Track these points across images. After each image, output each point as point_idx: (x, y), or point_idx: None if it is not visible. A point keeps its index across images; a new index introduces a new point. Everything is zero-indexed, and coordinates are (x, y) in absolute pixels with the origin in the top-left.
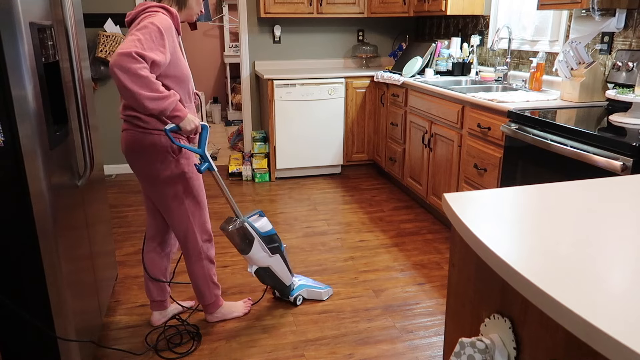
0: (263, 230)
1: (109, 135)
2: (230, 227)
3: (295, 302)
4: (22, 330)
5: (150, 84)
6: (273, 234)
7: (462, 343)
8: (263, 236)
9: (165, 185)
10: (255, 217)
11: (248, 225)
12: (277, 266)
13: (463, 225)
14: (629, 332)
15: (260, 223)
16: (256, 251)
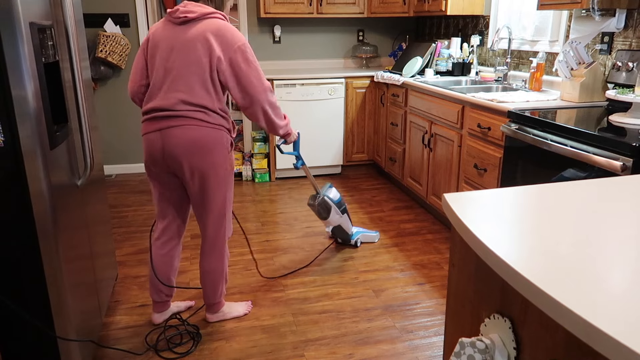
0: (335, 198)
1: (109, 135)
2: (315, 202)
3: (356, 244)
4: (22, 330)
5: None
6: (341, 200)
7: (462, 343)
8: (336, 203)
9: (220, 179)
10: (328, 189)
11: (327, 198)
12: (345, 222)
13: (463, 225)
14: (629, 332)
15: (332, 193)
16: (333, 215)
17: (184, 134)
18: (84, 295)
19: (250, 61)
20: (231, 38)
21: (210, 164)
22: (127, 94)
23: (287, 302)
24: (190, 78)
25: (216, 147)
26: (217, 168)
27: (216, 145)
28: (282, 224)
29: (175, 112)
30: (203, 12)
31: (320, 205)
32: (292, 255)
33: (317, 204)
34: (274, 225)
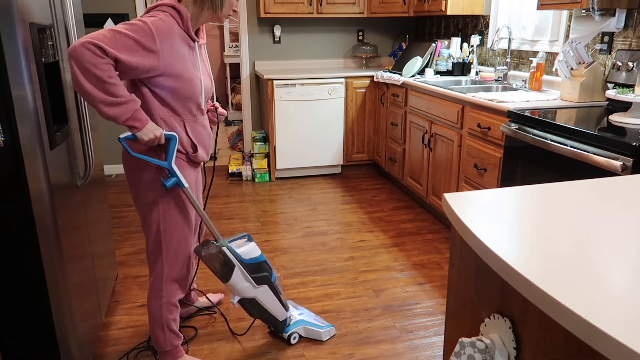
0: (247, 256)
1: (109, 135)
2: (204, 252)
3: (289, 340)
4: (22, 330)
5: (106, 85)
6: (260, 262)
7: (462, 343)
8: (246, 263)
9: (142, 198)
10: (241, 241)
11: (227, 249)
12: (265, 298)
13: (463, 225)
14: (629, 332)
15: (244, 248)
16: (237, 280)
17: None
18: (84, 295)
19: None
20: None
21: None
22: None
23: None
24: None
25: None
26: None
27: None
28: (282, 224)
29: None
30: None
31: (214, 256)
32: (292, 256)
33: (207, 254)
34: (274, 225)
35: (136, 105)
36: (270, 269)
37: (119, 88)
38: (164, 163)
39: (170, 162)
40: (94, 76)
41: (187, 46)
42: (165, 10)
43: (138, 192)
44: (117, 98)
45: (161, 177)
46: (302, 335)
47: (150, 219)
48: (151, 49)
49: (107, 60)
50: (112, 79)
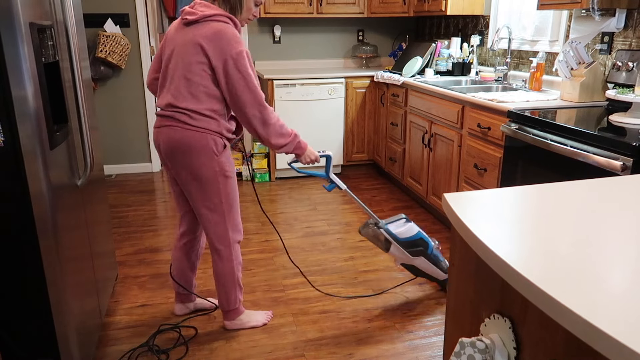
0: (403, 235)
1: (109, 135)
2: (363, 231)
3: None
4: (22, 330)
5: (280, 128)
6: (416, 239)
7: (462, 343)
8: (401, 241)
9: (207, 182)
10: (400, 221)
11: (384, 231)
12: (423, 266)
13: (463, 225)
14: (629, 332)
15: (402, 229)
16: (395, 252)
17: (168, 134)
18: (84, 295)
19: (242, 71)
20: (226, 45)
21: (191, 167)
22: (127, 94)
23: (287, 302)
24: (180, 82)
25: (198, 150)
26: (201, 171)
27: (198, 148)
28: (282, 224)
29: (165, 112)
30: (205, 14)
31: (372, 235)
32: (292, 256)
33: (366, 233)
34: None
35: (298, 138)
36: (427, 242)
37: (284, 126)
38: (324, 175)
39: (328, 174)
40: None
41: None
42: (227, 22)
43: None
44: (289, 137)
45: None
46: None
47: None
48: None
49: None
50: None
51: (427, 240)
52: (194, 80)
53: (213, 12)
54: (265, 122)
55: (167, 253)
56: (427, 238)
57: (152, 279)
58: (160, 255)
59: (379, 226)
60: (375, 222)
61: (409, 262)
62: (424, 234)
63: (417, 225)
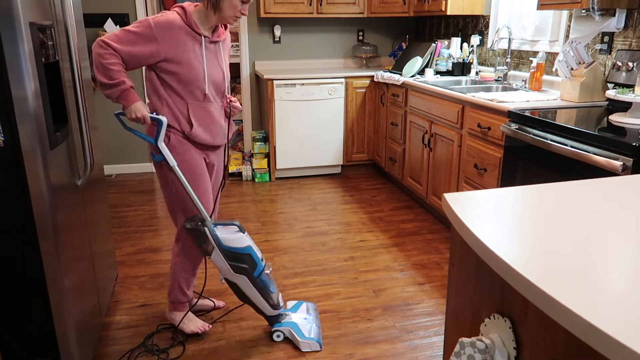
0: (228, 244)
1: (109, 135)
2: (189, 226)
3: (271, 336)
4: (22, 329)
5: (106, 70)
6: (241, 253)
7: (462, 343)
8: (224, 249)
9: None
10: (231, 228)
11: (207, 230)
12: (245, 288)
13: (463, 225)
14: (629, 332)
15: (229, 236)
16: (216, 259)
17: None
18: (84, 295)
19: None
20: None
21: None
22: None
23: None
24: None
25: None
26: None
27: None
28: (282, 224)
29: None
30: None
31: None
32: (292, 255)
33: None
34: (274, 225)
35: (126, 86)
36: (256, 262)
37: (115, 72)
38: (151, 139)
39: (157, 140)
40: (99, 64)
41: (192, 39)
42: (173, 9)
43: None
44: (113, 80)
45: (151, 152)
46: (286, 336)
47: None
48: (149, 38)
49: (110, 51)
50: (111, 65)
51: (257, 260)
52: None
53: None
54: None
55: (167, 253)
56: (257, 258)
57: (152, 279)
58: (160, 255)
59: (205, 224)
60: (202, 218)
61: (231, 278)
62: (256, 253)
63: (251, 240)
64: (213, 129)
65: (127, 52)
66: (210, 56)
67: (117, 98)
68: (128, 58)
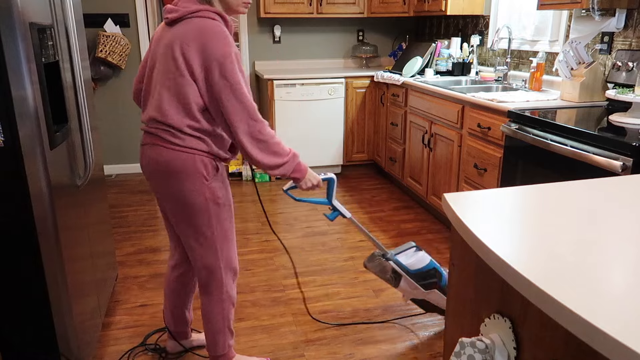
0: (414, 267)
1: (109, 135)
2: (369, 264)
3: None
4: (22, 329)
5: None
6: (428, 269)
7: (462, 343)
8: (413, 273)
9: (194, 211)
10: (410, 250)
11: (393, 263)
12: (437, 299)
13: (463, 225)
14: (628, 332)
15: (412, 260)
16: (406, 286)
17: (151, 154)
18: (84, 295)
19: (228, 77)
20: (211, 45)
21: (177, 194)
22: (127, 94)
23: (287, 302)
24: (161, 91)
25: (184, 174)
26: (187, 198)
27: (184, 172)
28: (282, 224)
29: (149, 129)
30: (188, 10)
31: (380, 269)
32: (292, 256)
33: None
34: (274, 225)
35: (295, 159)
36: (440, 272)
37: (281, 144)
38: (326, 201)
39: (331, 200)
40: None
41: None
42: (213, 18)
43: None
44: (285, 156)
45: (325, 213)
46: None
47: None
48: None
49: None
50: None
51: (440, 270)
52: (175, 90)
53: (197, 7)
54: (256, 138)
55: (166, 253)
56: (439, 267)
57: (152, 279)
58: (160, 255)
59: (387, 258)
60: (382, 253)
61: (420, 296)
62: (436, 263)
63: (428, 254)
64: None
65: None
66: None
67: (292, 173)
68: None
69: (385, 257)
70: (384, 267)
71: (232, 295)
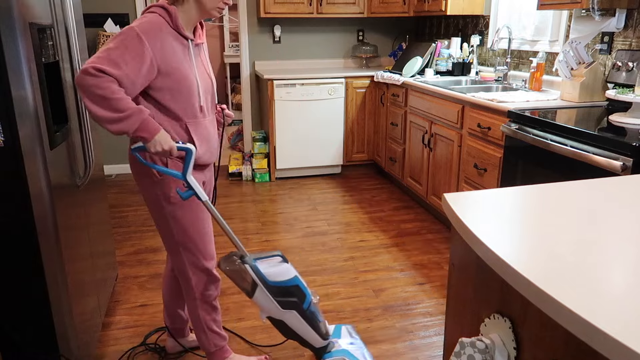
0: (274, 278)
1: (109, 135)
2: (225, 266)
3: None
4: (22, 329)
5: (109, 101)
6: (289, 286)
7: (462, 343)
8: (271, 285)
9: (151, 210)
10: (273, 260)
11: (250, 268)
12: (294, 324)
13: (463, 225)
14: (628, 332)
15: (274, 270)
16: (261, 299)
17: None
18: (84, 295)
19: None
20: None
21: (139, 187)
22: None
23: None
24: None
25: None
26: (145, 197)
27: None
28: (282, 224)
29: None
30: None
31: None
32: (292, 256)
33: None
34: (274, 225)
35: (143, 115)
36: (304, 293)
37: (123, 102)
38: (178, 174)
39: (185, 174)
40: (98, 96)
41: (180, 44)
42: (153, 11)
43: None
44: (123, 112)
45: (177, 188)
46: None
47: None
48: (142, 52)
49: (107, 78)
50: (115, 94)
51: (305, 290)
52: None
53: (150, 5)
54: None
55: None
56: (305, 288)
57: (152, 279)
58: (160, 255)
59: (245, 261)
60: (241, 254)
61: (277, 315)
62: (302, 282)
63: (294, 269)
64: (212, 145)
65: (125, 75)
66: (198, 62)
67: (135, 131)
68: (127, 84)
69: (242, 260)
70: (242, 271)
71: (206, 297)
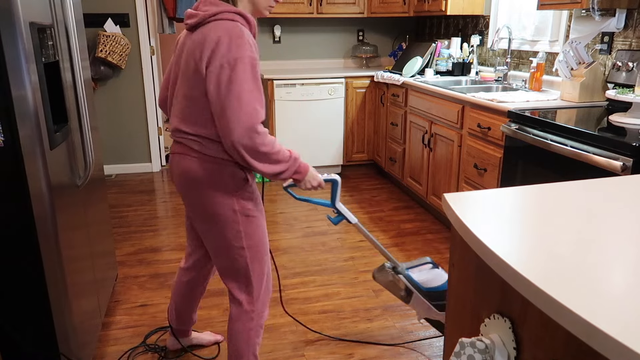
0: (428, 285)
1: (109, 135)
2: (378, 276)
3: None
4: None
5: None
6: (444, 290)
7: (462, 343)
8: (426, 292)
9: (222, 223)
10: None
11: (404, 278)
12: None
13: (463, 225)
14: (628, 332)
15: (426, 276)
16: (417, 305)
17: (179, 163)
18: (84, 295)
19: (234, 82)
20: (226, 47)
21: (204, 205)
22: (127, 94)
23: (287, 302)
24: (183, 101)
25: (211, 185)
26: (215, 210)
27: (211, 182)
28: (282, 224)
29: (176, 137)
30: (206, 15)
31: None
32: (292, 256)
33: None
34: (274, 225)
35: (298, 161)
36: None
37: (281, 153)
38: (328, 203)
39: (334, 203)
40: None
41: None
42: (234, 19)
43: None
44: (285, 161)
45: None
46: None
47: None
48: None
49: (264, 131)
50: (274, 148)
51: None
52: (197, 98)
53: (217, 10)
54: (252, 149)
55: (166, 253)
56: None
57: (152, 279)
58: (160, 255)
59: (398, 271)
60: (393, 265)
61: (435, 317)
62: None
63: (446, 273)
64: None
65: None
66: None
67: (292, 175)
68: None
69: (395, 271)
70: (395, 281)
71: (263, 316)
